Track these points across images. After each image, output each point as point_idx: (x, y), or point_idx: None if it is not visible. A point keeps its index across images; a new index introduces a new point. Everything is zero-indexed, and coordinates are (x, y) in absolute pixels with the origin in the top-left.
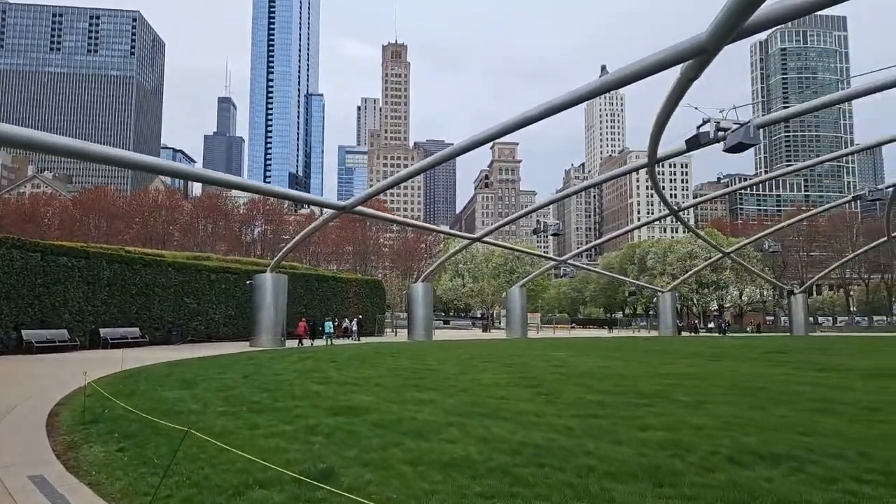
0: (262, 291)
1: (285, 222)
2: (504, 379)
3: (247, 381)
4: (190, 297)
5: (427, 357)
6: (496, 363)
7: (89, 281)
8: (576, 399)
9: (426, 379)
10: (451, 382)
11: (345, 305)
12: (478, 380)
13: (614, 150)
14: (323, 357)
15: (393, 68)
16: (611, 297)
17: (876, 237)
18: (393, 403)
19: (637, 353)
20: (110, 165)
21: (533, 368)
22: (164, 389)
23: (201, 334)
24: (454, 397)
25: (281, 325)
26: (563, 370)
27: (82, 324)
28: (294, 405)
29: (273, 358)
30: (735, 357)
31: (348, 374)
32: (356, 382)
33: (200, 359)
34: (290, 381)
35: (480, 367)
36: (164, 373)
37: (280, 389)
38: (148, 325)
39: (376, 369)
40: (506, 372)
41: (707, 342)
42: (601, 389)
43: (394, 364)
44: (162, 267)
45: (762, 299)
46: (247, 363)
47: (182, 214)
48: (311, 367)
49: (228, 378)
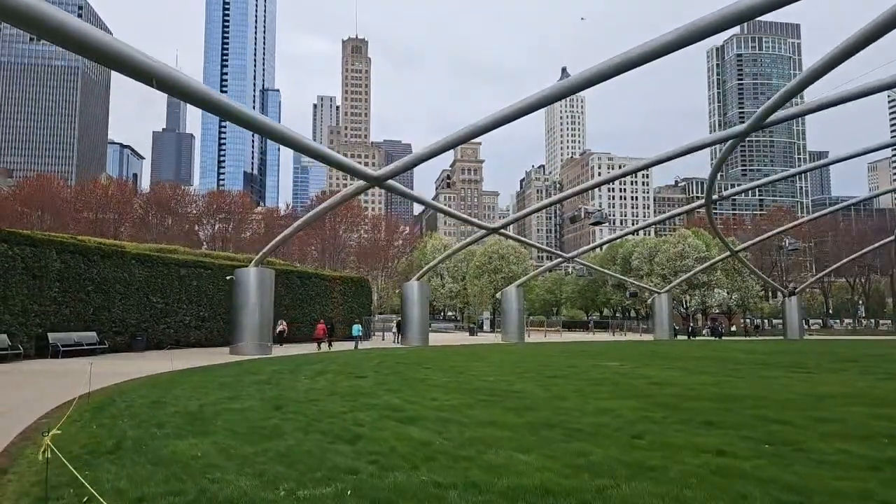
0: (245, 289)
1: (245, 220)
2: (631, 405)
3: (282, 413)
4: (156, 295)
5: (470, 370)
6: (575, 379)
7: (35, 274)
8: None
9: (540, 410)
10: (580, 417)
11: (329, 306)
12: (608, 409)
13: (575, 152)
14: (341, 369)
15: (353, 63)
16: (589, 298)
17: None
18: (549, 458)
19: (673, 360)
20: (169, 94)
21: (628, 386)
22: (164, 436)
23: (170, 339)
24: (618, 445)
25: (267, 328)
26: (673, 389)
27: (26, 327)
28: (402, 464)
29: (280, 371)
30: (816, 368)
31: (408, 397)
32: (443, 413)
33: (183, 373)
34: (344, 414)
35: (572, 387)
36: (151, 399)
37: (349, 432)
38: (107, 328)
39: (445, 392)
40: (611, 391)
41: (729, 347)
42: (781, 419)
43: (453, 381)
44: (124, 259)
45: (744, 302)
46: (255, 379)
47: (134, 209)
48: (348, 387)
49: (249, 407)
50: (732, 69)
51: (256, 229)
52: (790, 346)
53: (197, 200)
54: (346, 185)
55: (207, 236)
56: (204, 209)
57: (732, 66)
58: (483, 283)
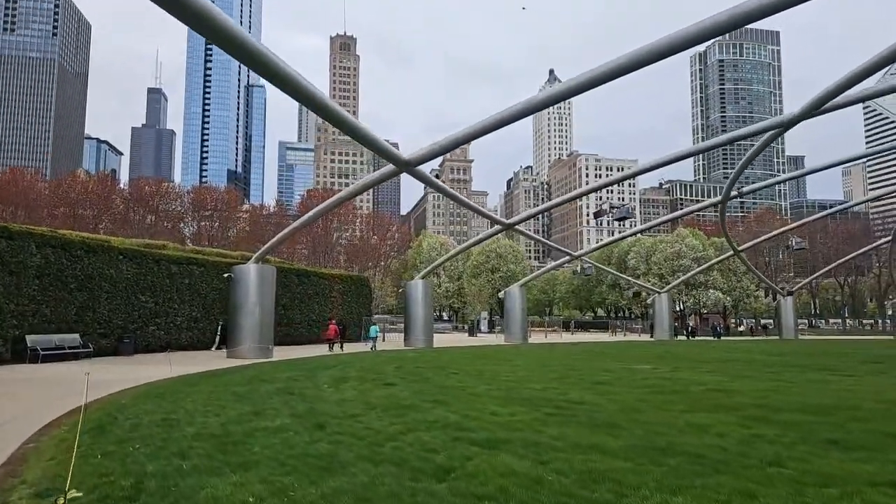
0: (245, 287)
1: (232, 217)
2: (722, 419)
3: (327, 434)
4: (145, 294)
5: (500, 374)
6: (625, 386)
7: (12, 270)
8: None
9: (626, 427)
10: (679, 436)
11: (328, 306)
12: (703, 426)
13: (562, 153)
14: (362, 375)
15: (342, 60)
16: (584, 298)
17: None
18: None
19: (700, 362)
20: None
21: (691, 395)
22: (194, 470)
23: (160, 341)
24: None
25: (268, 330)
26: (742, 398)
27: (1, 329)
28: None
29: (295, 377)
30: (851, 370)
31: (461, 410)
32: (520, 433)
33: (184, 380)
34: (403, 435)
35: (632, 396)
36: (159, 415)
37: (428, 462)
38: (92, 330)
39: (499, 403)
40: (682, 402)
41: (737, 348)
42: None
43: (494, 389)
44: (110, 255)
45: (739, 302)
46: (273, 388)
47: (115, 204)
48: (383, 397)
49: (283, 426)
50: (714, 74)
51: (243, 227)
52: (794, 346)
53: (182, 196)
54: (340, 183)
55: (192, 234)
56: (189, 205)
57: (714, 71)
58: (481, 283)
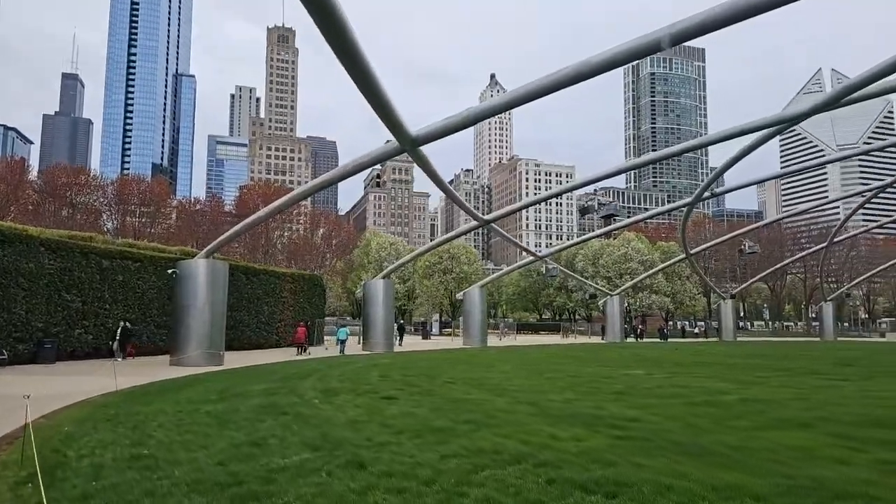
0: (193, 285)
1: (163, 212)
2: (787, 436)
3: (370, 475)
4: (71, 292)
5: (499, 383)
6: (642, 395)
7: None
8: None
9: (689, 445)
10: (754, 455)
11: (278, 306)
12: (775, 443)
13: (503, 157)
14: (348, 386)
15: (279, 53)
16: (531, 300)
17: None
18: None
19: (678, 366)
20: None
21: (715, 405)
22: None
23: (88, 346)
24: None
25: (220, 333)
26: (765, 406)
27: None
28: None
29: (273, 391)
30: (835, 373)
31: (507, 432)
32: (604, 471)
33: (134, 395)
34: (471, 473)
35: (660, 404)
36: (125, 451)
37: None
38: (5, 334)
39: (546, 422)
40: (717, 413)
41: (695, 351)
42: None
43: (512, 401)
44: (29, 246)
45: (681, 304)
46: (254, 405)
47: (27, 194)
48: (398, 416)
49: (303, 463)
50: (646, 86)
51: (172, 223)
52: (748, 349)
53: (104, 188)
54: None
55: (113, 229)
56: (112, 198)
57: (646, 83)
58: (433, 284)
